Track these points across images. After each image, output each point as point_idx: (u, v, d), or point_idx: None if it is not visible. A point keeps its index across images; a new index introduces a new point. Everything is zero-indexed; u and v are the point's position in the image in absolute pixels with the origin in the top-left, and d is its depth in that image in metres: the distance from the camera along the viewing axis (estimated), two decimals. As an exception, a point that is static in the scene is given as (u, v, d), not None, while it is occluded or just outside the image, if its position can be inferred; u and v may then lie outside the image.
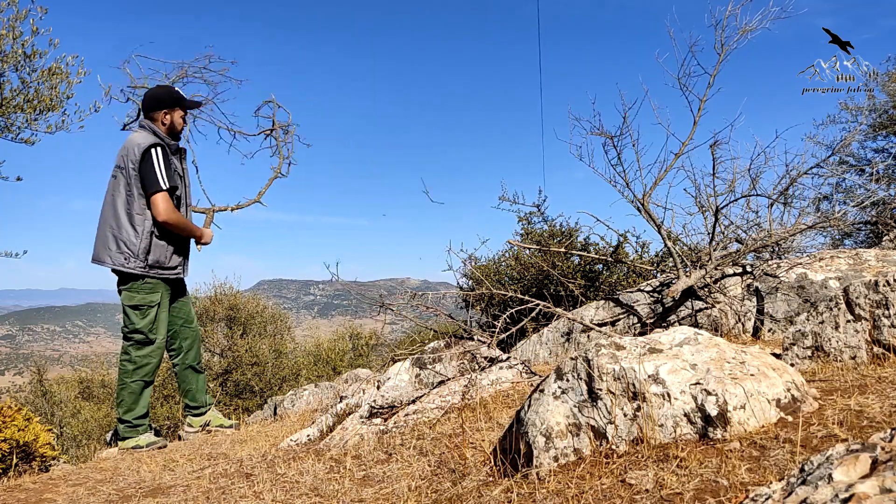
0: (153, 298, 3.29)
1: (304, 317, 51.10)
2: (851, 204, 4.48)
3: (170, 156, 3.28)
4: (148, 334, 3.31)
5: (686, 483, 1.15)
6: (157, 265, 3.30)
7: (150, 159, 3.18)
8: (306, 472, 2.06)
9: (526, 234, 6.91)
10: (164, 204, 3.19)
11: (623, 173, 3.63)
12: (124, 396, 3.32)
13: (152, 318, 3.31)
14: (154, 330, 3.32)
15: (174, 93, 3.42)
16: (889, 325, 1.72)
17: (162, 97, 3.37)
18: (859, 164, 8.04)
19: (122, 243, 3.22)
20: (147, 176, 3.17)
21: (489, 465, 1.71)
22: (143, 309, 3.28)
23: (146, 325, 3.29)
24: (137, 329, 3.29)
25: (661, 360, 1.47)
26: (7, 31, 5.58)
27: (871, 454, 0.80)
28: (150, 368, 3.34)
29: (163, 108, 3.35)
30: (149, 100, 3.37)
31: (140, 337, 3.30)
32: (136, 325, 3.28)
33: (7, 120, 5.88)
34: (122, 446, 3.33)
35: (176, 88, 3.45)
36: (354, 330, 11.67)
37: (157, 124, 3.35)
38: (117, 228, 3.23)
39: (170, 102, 3.37)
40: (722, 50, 3.40)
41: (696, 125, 3.52)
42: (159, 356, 3.39)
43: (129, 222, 3.21)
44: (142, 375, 3.31)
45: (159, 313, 3.35)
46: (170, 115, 3.38)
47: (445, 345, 3.29)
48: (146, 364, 3.32)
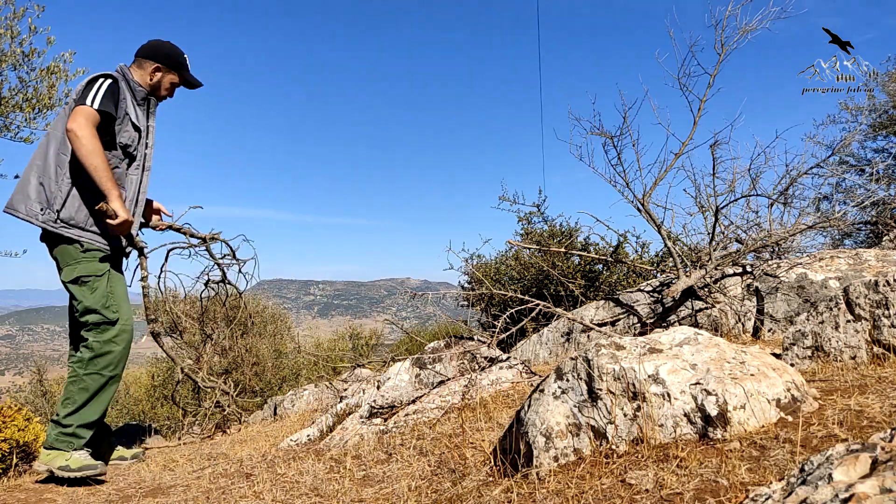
0: (98, 267, 2.58)
1: (304, 317, 51.19)
2: (851, 204, 4.48)
3: (123, 94, 2.61)
4: (104, 312, 2.56)
5: (686, 483, 1.15)
6: (73, 224, 2.54)
7: (91, 85, 2.52)
8: (306, 472, 2.06)
9: (526, 234, 6.91)
10: (81, 117, 2.44)
11: (623, 173, 3.63)
12: (72, 392, 2.54)
13: (104, 291, 2.57)
14: (111, 306, 2.58)
15: (181, 56, 2.81)
16: (889, 325, 1.71)
17: (166, 52, 2.77)
18: (859, 164, 8.04)
19: (43, 189, 2.53)
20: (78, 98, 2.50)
21: (489, 465, 1.71)
22: (88, 282, 2.56)
23: (98, 301, 2.55)
24: (89, 308, 2.56)
25: (661, 360, 1.47)
26: (5, 31, 5.58)
27: (871, 454, 0.80)
28: (113, 358, 2.57)
29: (158, 61, 2.74)
30: (148, 47, 2.76)
31: (96, 318, 2.56)
32: (87, 304, 2.55)
33: (6, 119, 5.88)
34: (43, 460, 2.51)
35: (184, 54, 2.84)
36: (354, 330, 11.68)
37: (138, 72, 2.73)
38: (42, 169, 2.55)
39: (169, 62, 2.77)
40: (722, 50, 3.40)
41: (696, 125, 3.52)
42: (126, 343, 2.62)
43: (55, 163, 2.54)
44: (101, 367, 2.54)
45: (112, 285, 2.61)
46: (161, 73, 2.77)
47: (445, 345, 3.29)
48: (108, 352, 2.55)
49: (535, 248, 5.56)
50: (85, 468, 2.46)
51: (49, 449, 2.52)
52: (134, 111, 2.67)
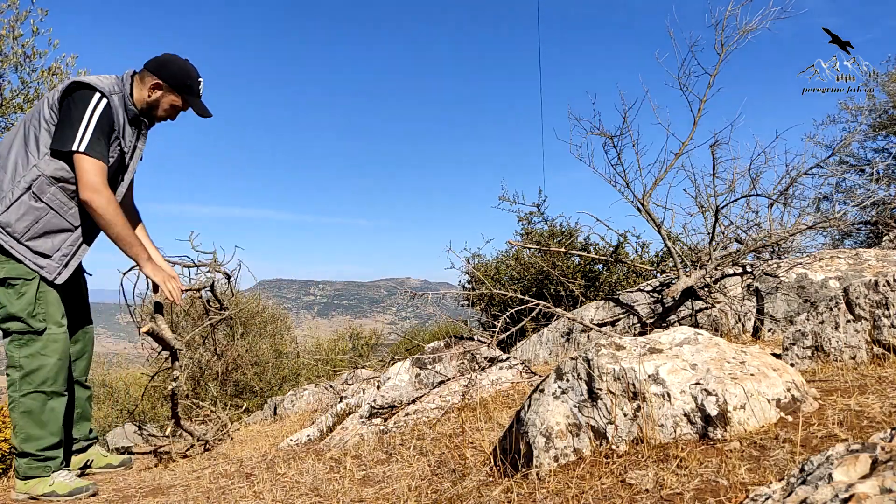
0: (28, 270, 2.26)
1: (304, 317, 51.10)
2: (851, 204, 4.48)
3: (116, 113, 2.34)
4: (29, 321, 2.25)
5: (686, 483, 1.15)
6: (10, 232, 2.22)
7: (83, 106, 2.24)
8: (306, 472, 2.06)
9: (526, 234, 6.91)
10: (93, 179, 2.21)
11: (623, 173, 3.63)
12: (17, 420, 2.28)
13: (31, 298, 2.25)
14: (38, 315, 2.27)
15: (190, 79, 2.48)
16: (889, 325, 1.71)
17: (172, 70, 2.45)
18: (859, 164, 8.05)
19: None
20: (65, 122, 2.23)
21: (489, 465, 1.71)
22: (15, 285, 2.24)
23: (24, 309, 2.24)
24: (12, 315, 2.25)
25: (661, 360, 1.47)
26: (7, 33, 5.59)
27: (871, 454, 0.80)
28: (48, 372, 2.27)
29: (161, 77, 2.43)
30: (156, 60, 2.46)
31: (19, 326, 2.25)
32: (11, 310, 2.24)
33: (7, 120, 5.89)
34: (21, 489, 2.30)
35: (199, 79, 2.52)
36: (354, 330, 11.68)
37: (138, 86, 2.45)
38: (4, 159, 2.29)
39: (173, 82, 2.45)
40: (722, 50, 3.40)
41: (696, 125, 3.52)
42: (60, 352, 2.30)
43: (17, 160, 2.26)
44: (37, 384, 2.26)
45: (43, 292, 2.28)
46: (161, 92, 2.46)
47: (445, 345, 3.29)
48: (40, 367, 2.26)
49: (535, 248, 5.56)
50: (76, 492, 2.29)
51: (25, 479, 2.31)
52: (123, 132, 2.42)
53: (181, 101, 2.51)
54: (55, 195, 2.27)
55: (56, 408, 2.33)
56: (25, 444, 2.29)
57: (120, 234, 2.30)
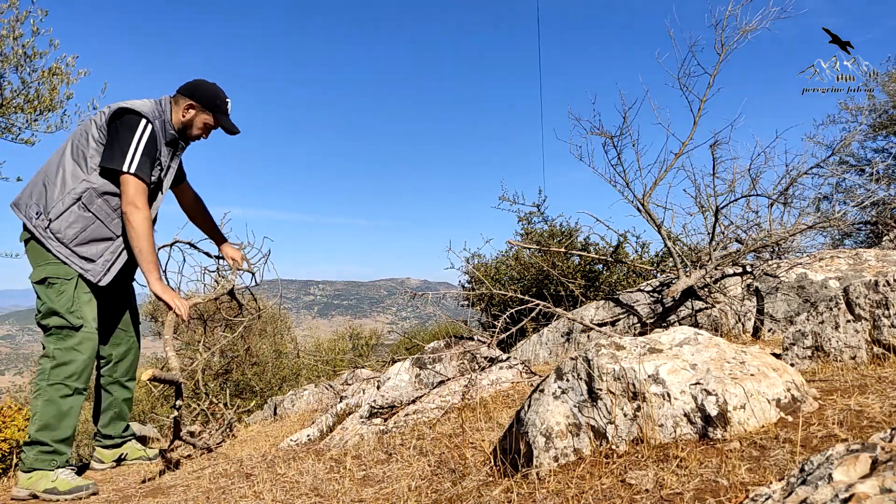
0: (68, 271, 2.45)
1: (304, 317, 51.09)
2: (851, 204, 4.47)
3: (158, 138, 2.58)
4: (68, 317, 2.41)
5: (686, 483, 1.15)
6: (60, 239, 2.44)
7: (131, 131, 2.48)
8: (306, 472, 2.06)
9: (526, 234, 6.91)
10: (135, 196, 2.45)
11: (623, 173, 3.63)
12: (39, 407, 2.38)
13: (70, 296, 2.43)
14: (76, 312, 2.44)
15: (218, 99, 2.74)
16: (889, 325, 1.71)
17: (204, 91, 2.71)
18: (859, 164, 8.05)
19: (45, 193, 2.48)
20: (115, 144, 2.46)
21: (489, 465, 1.71)
22: (55, 284, 2.43)
23: (63, 305, 2.42)
24: (53, 310, 2.41)
25: (661, 360, 1.47)
26: (8, 33, 5.59)
27: (871, 454, 0.80)
28: (77, 367, 2.41)
29: (194, 99, 2.68)
30: (189, 84, 2.72)
31: (58, 321, 2.41)
32: (51, 305, 2.42)
33: (7, 121, 5.88)
34: (24, 485, 2.36)
35: (227, 99, 2.79)
36: (354, 330, 11.68)
37: (174, 109, 2.70)
38: (52, 174, 2.50)
39: (205, 102, 2.70)
40: (722, 50, 3.40)
41: (696, 125, 3.52)
42: (90, 351, 2.46)
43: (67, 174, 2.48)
44: (65, 377, 2.39)
45: (80, 293, 2.46)
46: (194, 112, 2.70)
47: (445, 345, 3.29)
48: (70, 360, 2.40)
49: (535, 248, 5.56)
50: (76, 490, 2.33)
51: (29, 472, 2.36)
52: (162, 153, 2.64)
53: (213, 119, 2.75)
54: (101, 207, 2.49)
55: (75, 405, 2.44)
56: (41, 432, 2.37)
57: (144, 248, 2.47)
